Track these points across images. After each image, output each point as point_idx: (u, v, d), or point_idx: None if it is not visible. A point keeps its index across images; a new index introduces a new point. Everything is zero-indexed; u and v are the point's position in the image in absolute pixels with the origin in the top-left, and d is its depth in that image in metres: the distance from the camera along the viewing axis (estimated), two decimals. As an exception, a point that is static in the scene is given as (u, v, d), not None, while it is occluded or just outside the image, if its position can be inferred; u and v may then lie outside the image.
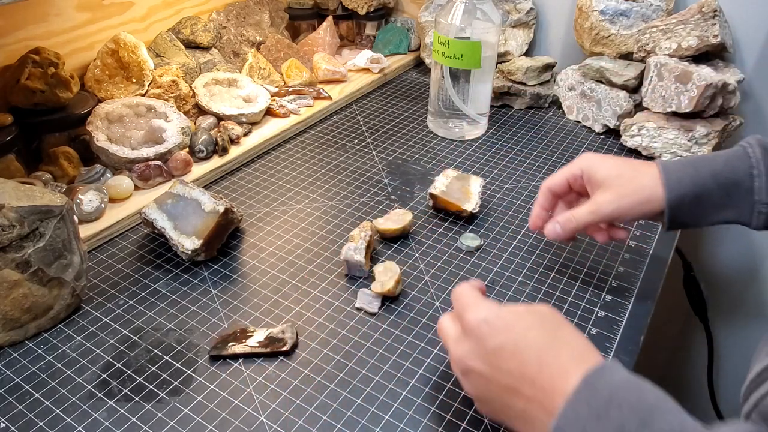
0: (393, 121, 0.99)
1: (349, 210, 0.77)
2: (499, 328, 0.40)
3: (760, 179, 0.49)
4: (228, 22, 1.06)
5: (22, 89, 0.74)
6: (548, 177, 0.60)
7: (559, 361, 0.37)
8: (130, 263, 0.67)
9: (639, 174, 0.54)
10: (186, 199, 0.67)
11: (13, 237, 0.53)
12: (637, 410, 0.33)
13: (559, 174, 0.58)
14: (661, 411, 0.33)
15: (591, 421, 0.33)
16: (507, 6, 1.09)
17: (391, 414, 0.50)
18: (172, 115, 0.83)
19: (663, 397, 0.34)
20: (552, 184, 0.59)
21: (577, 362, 0.37)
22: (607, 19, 0.95)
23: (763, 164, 0.50)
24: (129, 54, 0.86)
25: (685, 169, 0.52)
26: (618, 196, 0.53)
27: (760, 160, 0.50)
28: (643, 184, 0.53)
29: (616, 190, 0.53)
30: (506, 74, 1.02)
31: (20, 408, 0.50)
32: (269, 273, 0.66)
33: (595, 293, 0.63)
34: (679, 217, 0.53)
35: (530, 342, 0.39)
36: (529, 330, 0.40)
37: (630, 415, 0.33)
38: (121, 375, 0.53)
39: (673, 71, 0.83)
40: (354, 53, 1.17)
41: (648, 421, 0.32)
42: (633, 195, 0.52)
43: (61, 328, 0.58)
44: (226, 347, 0.55)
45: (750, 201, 0.50)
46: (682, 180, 0.51)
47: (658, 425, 0.32)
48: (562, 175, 0.58)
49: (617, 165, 0.55)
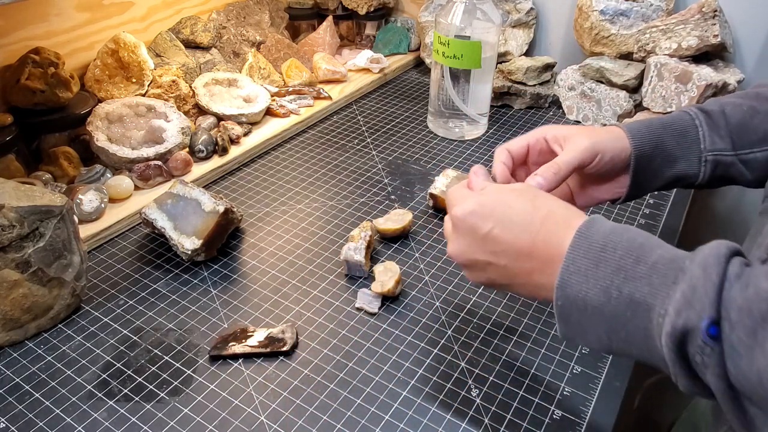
0: (393, 121, 0.99)
1: (349, 210, 0.77)
2: (485, 215, 0.42)
3: (703, 129, 0.53)
4: (228, 22, 1.06)
5: (22, 89, 0.74)
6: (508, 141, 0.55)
7: (548, 228, 0.40)
8: (130, 263, 0.67)
9: (605, 126, 0.56)
10: (186, 199, 0.67)
11: (13, 237, 0.53)
12: (629, 249, 0.36)
13: (517, 138, 0.55)
14: (650, 246, 0.36)
15: (591, 269, 0.37)
16: (507, 6, 1.09)
17: (391, 414, 0.50)
18: (172, 115, 0.83)
19: (649, 236, 0.38)
20: (510, 145, 0.55)
21: (565, 225, 0.40)
22: (607, 19, 0.95)
23: (702, 117, 0.53)
24: (129, 54, 0.86)
25: (640, 124, 0.55)
26: (592, 136, 0.52)
27: (698, 113, 0.54)
28: (613, 130, 0.54)
29: (588, 133, 0.52)
30: (506, 74, 1.02)
31: (20, 408, 0.50)
32: (269, 273, 0.66)
33: (595, 293, 0.63)
34: (641, 169, 0.53)
35: (516, 219, 0.42)
36: (512, 208, 0.42)
37: (625, 255, 0.36)
38: (121, 375, 0.53)
39: (673, 71, 0.83)
40: (354, 53, 1.17)
41: (641, 257, 0.36)
42: (607, 138, 0.52)
43: (61, 328, 0.58)
44: (226, 347, 0.55)
45: (697, 150, 0.53)
46: (640, 131, 0.53)
47: (651, 258, 0.35)
48: (521, 138, 0.55)
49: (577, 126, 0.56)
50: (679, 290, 0.33)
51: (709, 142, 0.53)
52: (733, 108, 0.53)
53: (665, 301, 0.33)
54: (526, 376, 0.54)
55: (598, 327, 0.37)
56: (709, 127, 0.53)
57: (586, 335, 0.38)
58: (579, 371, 0.54)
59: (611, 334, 0.37)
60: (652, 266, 0.35)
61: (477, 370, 0.54)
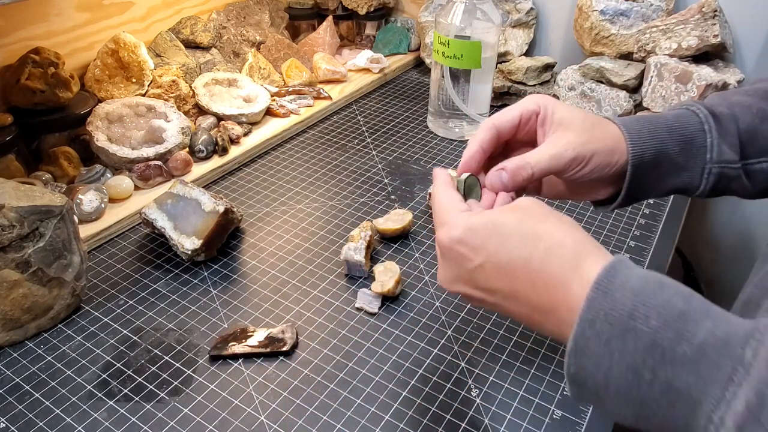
0: (393, 121, 0.99)
1: (349, 210, 0.77)
2: (475, 246, 0.36)
3: (712, 135, 0.46)
4: (228, 22, 1.06)
5: (22, 89, 0.74)
6: (494, 114, 0.47)
7: (551, 268, 0.34)
8: (130, 263, 0.67)
9: (602, 121, 0.46)
10: (186, 199, 0.67)
11: (13, 237, 0.53)
12: (668, 320, 0.29)
13: (509, 110, 0.47)
14: (695, 317, 0.29)
15: (615, 340, 0.29)
16: (507, 6, 1.09)
17: (391, 414, 0.50)
18: (172, 115, 0.83)
19: (691, 296, 0.30)
20: (501, 121, 0.46)
21: (574, 266, 0.33)
22: (607, 19, 0.95)
23: (712, 120, 0.46)
24: (129, 54, 0.86)
25: (642, 123, 0.46)
26: (582, 138, 0.44)
27: (708, 116, 0.46)
28: (608, 130, 0.45)
29: (580, 133, 0.44)
30: (506, 74, 1.02)
31: (20, 408, 0.50)
32: (269, 273, 0.66)
33: (595, 293, 0.63)
34: (638, 179, 0.46)
35: (513, 253, 0.35)
36: (508, 239, 0.36)
37: (662, 327, 0.28)
38: (121, 375, 0.53)
39: (673, 71, 0.83)
40: (354, 53, 1.17)
41: (684, 332, 0.28)
42: (599, 141, 0.44)
43: (61, 328, 0.58)
44: (226, 347, 0.55)
45: (702, 160, 0.46)
46: (642, 134, 0.45)
47: (698, 336, 0.28)
48: (514, 111, 0.46)
49: (576, 108, 0.47)
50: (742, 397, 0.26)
51: (717, 153, 0.46)
52: (742, 110, 0.47)
53: (719, 405, 0.26)
54: (526, 376, 0.54)
55: (622, 408, 0.30)
56: (719, 134, 0.46)
57: (606, 408, 0.31)
58: (579, 371, 0.54)
59: (640, 418, 0.30)
60: (699, 348, 0.28)
61: (477, 370, 0.54)
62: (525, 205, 0.38)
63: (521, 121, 0.46)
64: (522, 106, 0.46)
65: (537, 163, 0.44)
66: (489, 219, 0.37)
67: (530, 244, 0.35)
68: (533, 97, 0.46)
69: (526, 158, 0.44)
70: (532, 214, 0.37)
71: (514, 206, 0.38)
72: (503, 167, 0.44)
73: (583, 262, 0.33)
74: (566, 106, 0.46)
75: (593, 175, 0.45)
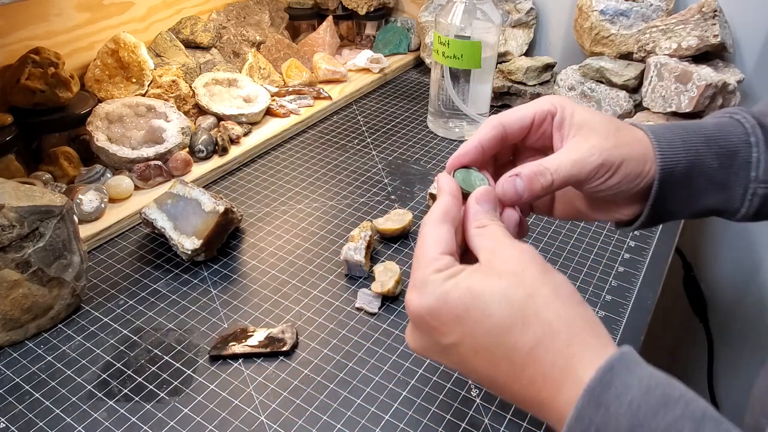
0: (393, 121, 0.99)
1: (349, 210, 0.77)
2: (449, 321, 0.31)
3: (758, 149, 0.39)
4: (228, 22, 1.06)
5: (22, 89, 0.74)
6: (502, 112, 0.41)
7: (539, 364, 0.29)
8: (130, 263, 0.67)
9: (627, 125, 0.40)
10: (186, 199, 0.67)
11: (13, 237, 0.53)
12: None
13: (520, 109, 0.40)
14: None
15: None
16: (507, 6, 1.09)
17: (391, 414, 0.50)
18: (172, 115, 0.83)
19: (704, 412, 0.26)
20: (509, 119, 0.40)
21: (566, 367, 0.28)
22: (607, 19, 0.95)
23: (760, 132, 0.39)
24: (129, 54, 0.86)
25: (674, 131, 0.40)
26: (608, 142, 0.37)
27: (755, 127, 0.39)
28: (636, 135, 0.39)
29: (605, 136, 0.38)
30: (506, 74, 1.02)
31: (20, 408, 0.50)
32: (269, 273, 0.66)
33: (595, 293, 0.63)
34: (665, 196, 0.39)
35: (493, 340, 0.29)
36: (490, 318, 0.29)
37: None
38: (121, 375, 0.53)
39: (673, 71, 0.83)
40: (354, 53, 1.17)
41: None
42: (627, 146, 0.38)
43: (61, 328, 0.58)
44: (226, 347, 0.55)
45: (745, 178, 0.39)
46: (673, 143, 0.39)
47: None
48: (527, 110, 0.40)
49: (597, 111, 0.41)
50: None
51: (764, 171, 0.39)
52: None
53: None
54: (526, 376, 0.54)
55: None
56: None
57: None
58: (579, 371, 0.54)
59: None
60: None
61: (477, 370, 0.54)
62: (512, 268, 0.31)
63: (534, 122, 0.40)
64: (535, 105, 0.40)
65: (558, 168, 0.37)
66: (467, 288, 0.31)
67: (516, 330, 0.29)
68: (548, 98, 0.41)
69: (545, 163, 0.37)
70: (521, 283, 0.30)
71: (501, 270, 0.31)
72: (518, 173, 0.37)
73: (576, 358, 0.28)
74: (586, 108, 0.40)
75: (621, 187, 0.38)
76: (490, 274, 0.31)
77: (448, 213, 0.35)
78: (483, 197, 0.37)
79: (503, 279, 0.30)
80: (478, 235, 0.34)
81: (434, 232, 0.34)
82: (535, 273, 0.31)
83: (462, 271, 0.32)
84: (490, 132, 0.40)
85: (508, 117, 0.40)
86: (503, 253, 0.32)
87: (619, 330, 0.58)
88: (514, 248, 0.33)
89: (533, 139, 0.41)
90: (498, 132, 0.40)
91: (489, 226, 0.35)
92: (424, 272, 0.32)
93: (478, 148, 0.39)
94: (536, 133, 0.41)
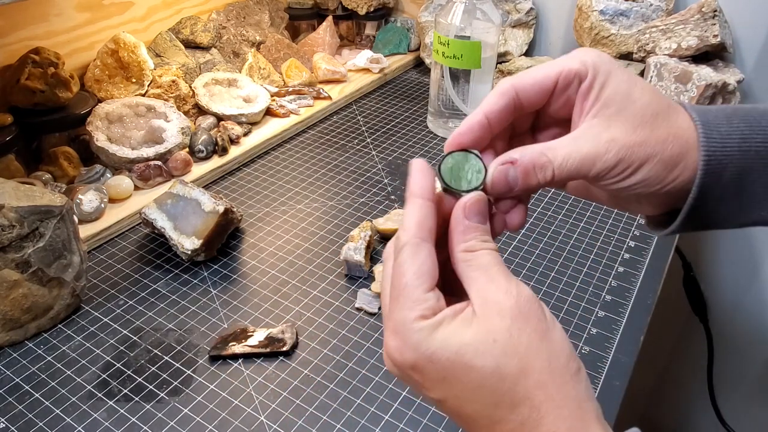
0: (393, 121, 0.99)
1: (349, 210, 0.77)
2: (434, 381, 0.28)
3: None
4: (228, 22, 1.06)
5: (22, 89, 0.74)
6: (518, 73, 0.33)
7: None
8: (130, 263, 0.67)
9: (670, 110, 0.31)
10: (186, 199, 0.67)
11: (13, 237, 0.53)
12: None
13: (542, 68, 0.33)
14: None
15: None
16: (507, 6, 1.09)
17: (391, 414, 0.50)
18: (172, 115, 0.83)
19: None
20: (523, 83, 0.32)
21: None
22: (607, 19, 0.95)
23: None
24: (129, 54, 0.86)
25: (731, 121, 0.31)
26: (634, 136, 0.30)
27: None
28: (677, 126, 0.31)
29: (633, 126, 0.30)
30: (506, 74, 1.02)
31: (20, 408, 0.50)
32: (269, 273, 0.66)
33: (595, 293, 0.63)
34: (707, 204, 0.32)
35: (479, 412, 0.28)
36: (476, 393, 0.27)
37: None
38: (121, 375, 0.53)
39: (673, 71, 0.83)
40: (354, 53, 1.17)
41: None
42: (657, 144, 0.30)
43: (61, 328, 0.58)
44: (226, 347, 0.55)
45: None
46: (728, 139, 0.30)
47: None
48: (550, 69, 0.32)
49: (641, 81, 0.32)
50: None
51: None
52: None
53: None
54: (526, 376, 0.54)
55: None
56: None
57: None
58: (579, 371, 0.54)
59: None
60: None
61: (477, 370, 0.54)
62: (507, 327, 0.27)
63: (557, 86, 0.32)
64: (562, 64, 0.32)
65: (563, 163, 0.30)
66: (457, 352, 0.27)
67: (504, 406, 0.27)
68: (582, 54, 0.32)
69: (548, 153, 0.31)
70: (515, 352, 0.27)
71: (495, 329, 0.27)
72: (512, 159, 0.31)
73: None
74: (627, 74, 0.31)
75: (638, 189, 0.31)
76: (482, 334, 0.27)
77: (424, 226, 0.30)
78: (472, 209, 0.31)
79: (497, 345, 0.27)
80: (466, 262, 0.30)
81: (414, 259, 0.29)
82: (531, 338, 0.27)
83: (451, 320, 0.28)
84: (498, 101, 0.32)
85: (523, 80, 0.32)
86: (498, 305, 0.28)
87: (619, 330, 0.58)
88: (510, 296, 0.28)
89: (556, 106, 0.33)
90: (508, 100, 0.32)
91: (479, 253, 0.30)
92: (407, 316, 0.28)
93: (483, 123, 0.32)
94: (559, 100, 0.33)
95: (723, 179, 0.31)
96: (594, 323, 0.59)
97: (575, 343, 0.57)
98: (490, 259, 0.29)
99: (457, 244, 0.30)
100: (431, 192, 0.31)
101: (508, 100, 0.32)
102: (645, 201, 0.35)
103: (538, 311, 0.28)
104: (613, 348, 0.56)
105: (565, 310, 0.61)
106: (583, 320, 0.60)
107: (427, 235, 0.30)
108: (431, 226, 0.30)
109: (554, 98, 0.33)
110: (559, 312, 0.61)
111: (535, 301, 0.28)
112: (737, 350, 1.08)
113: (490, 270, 0.29)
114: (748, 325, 1.06)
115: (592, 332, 0.58)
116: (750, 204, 0.32)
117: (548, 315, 0.29)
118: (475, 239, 0.30)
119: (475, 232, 0.30)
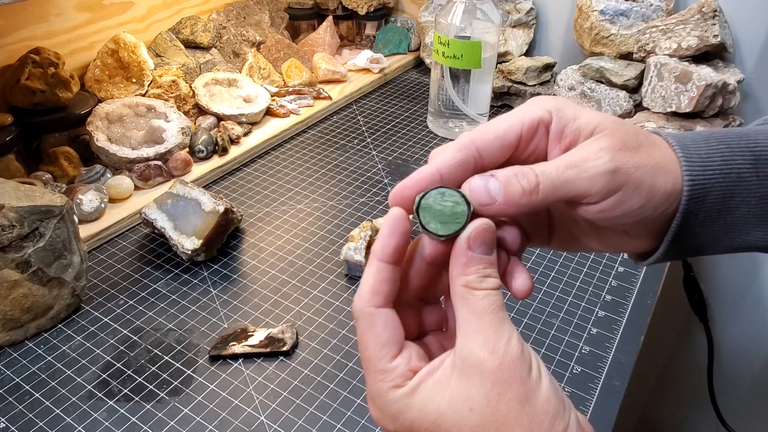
0: (393, 121, 0.99)
1: (349, 210, 0.77)
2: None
3: None
4: (228, 22, 1.06)
5: (22, 89, 0.74)
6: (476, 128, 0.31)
7: None
8: (130, 263, 0.67)
9: (649, 136, 0.31)
10: (186, 199, 0.67)
11: (13, 237, 0.53)
12: None
13: (503, 120, 0.30)
14: None
15: None
16: (507, 6, 1.09)
17: (391, 414, 0.50)
18: (172, 115, 0.83)
19: None
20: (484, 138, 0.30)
21: None
22: (607, 19, 0.95)
23: None
24: (129, 54, 0.86)
25: (707, 145, 0.30)
26: (623, 145, 0.29)
27: None
28: (653, 140, 0.30)
29: (621, 141, 0.29)
30: (506, 74, 1.02)
31: (20, 408, 0.50)
32: (269, 273, 0.66)
33: (595, 293, 0.63)
34: (691, 229, 0.31)
35: None
36: None
37: None
38: (121, 375, 0.53)
39: (673, 71, 0.83)
40: (354, 53, 1.17)
41: None
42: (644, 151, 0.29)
43: (61, 328, 0.58)
44: (226, 347, 0.55)
45: None
46: (708, 161, 0.30)
47: None
48: (512, 121, 0.30)
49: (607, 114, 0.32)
50: None
51: None
52: None
53: None
54: (526, 376, 0.54)
55: None
56: None
57: None
58: (579, 371, 0.54)
59: None
60: None
61: (477, 370, 0.54)
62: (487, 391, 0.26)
63: (521, 138, 0.30)
64: (523, 114, 0.30)
65: (545, 170, 0.28)
66: (434, 421, 0.27)
67: None
68: (540, 101, 0.31)
69: (537, 168, 0.29)
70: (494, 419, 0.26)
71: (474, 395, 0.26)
72: (493, 173, 0.28)
73: None
74: (594, 110, 0.31)
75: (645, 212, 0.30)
76: (459, 403, 0.26)
77: (379, 292, 0.29)
78: (478, 239, 0.28)
79: (473, 415, 0.26)
80: (463, 299, 0.28)
81: (371, 331, 0.28)
82: (511, 405, 0.26)
83: (427, 382, 0.27)
84: (455, 156, 0.29)
85: (485, 136, 0.30)
86: (480, 365, 0.26)
87: (619, 330, 0.58)
88: (495, 357, 0.26)
89: (524, 156, 0.31)
90: (466, 156, 0.29)
91: (478, 294, 0.28)
92: (380, 388, 0.28)
93: (434, 177, 0.29)
94: (526, 150, 0.31)
95: (706, 203, 0.30)
96: (594, 323, 0.59)
97: (575, 342, 0.57)
98: (487, 305, 0.28)
99: (457, 276, 0.28)
100: (392, 253, 0.29)
101: (466, 156, 0.29)
102: (642, 232, 0.33)
103: (523, 372, 0.26)
104: (613, 348, 0.56)
105: (566, 309, 0.61)
106: (583, 320, 0.60)
107: (382, 300, 0.29)
108: (388, 290, 0.29)
109: (520, 150, 0.31)
110: (560, 312, 0.61)
111: (520, 361, 0.26)
112: (737, 350, 1.08)
113: (484, 318, 0.27)
114: (748, 325, 1.06)
115: (592, 332, 0.58)
116: (735, 229, 0.31)
117: (534, 373, 0.27)
118: (477, 273, 0.28)
119: (478, 264, 0.28)
